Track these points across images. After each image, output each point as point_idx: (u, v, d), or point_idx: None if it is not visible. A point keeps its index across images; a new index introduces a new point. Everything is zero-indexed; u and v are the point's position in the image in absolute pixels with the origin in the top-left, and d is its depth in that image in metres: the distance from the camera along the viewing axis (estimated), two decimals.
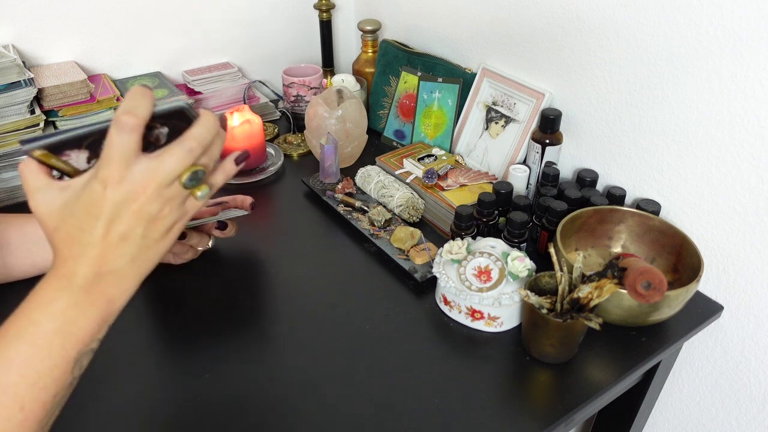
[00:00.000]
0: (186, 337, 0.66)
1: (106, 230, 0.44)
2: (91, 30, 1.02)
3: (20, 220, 0.68)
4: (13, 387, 0.40)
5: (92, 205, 0.43)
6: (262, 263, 0.78)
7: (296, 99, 1.10)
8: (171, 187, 0.45)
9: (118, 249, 0.44)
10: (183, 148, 0.45)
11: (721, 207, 0.72)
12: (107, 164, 0.43)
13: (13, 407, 0.40)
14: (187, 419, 0.57)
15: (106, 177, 0.43)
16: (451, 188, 0.86)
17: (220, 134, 0.49)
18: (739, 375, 0.78)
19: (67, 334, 0.43)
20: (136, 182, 0.44)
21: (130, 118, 0.43)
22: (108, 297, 0.45)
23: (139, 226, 0.45)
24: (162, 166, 0.44)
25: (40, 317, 0.42)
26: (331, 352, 0.64)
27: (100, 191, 0.43)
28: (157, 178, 0.44)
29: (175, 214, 0.47)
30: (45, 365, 0.41)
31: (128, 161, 0.43)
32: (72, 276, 0.44)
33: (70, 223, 0.44)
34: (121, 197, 0.43)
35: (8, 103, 0.85)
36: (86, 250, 0.44)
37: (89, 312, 0.44)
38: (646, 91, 0.75)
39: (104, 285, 0.45)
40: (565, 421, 0.58)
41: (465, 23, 1.00)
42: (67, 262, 0.44)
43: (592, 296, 0.59)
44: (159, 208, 0.45)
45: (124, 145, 0.43)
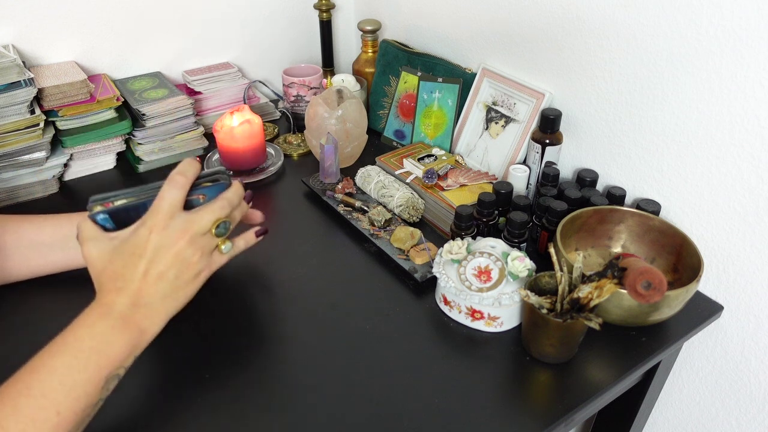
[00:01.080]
0: (185, 337, 0.66)
1: (146, 269, 0.53)
2: (91, 30, 1.02)
3: (15, 223, 0.68)
4: (52, 392, 0.46)
5: (137, 247, 0.54)
6: (262, 263, 0.78)
7: (296, 99, 1.10)
8: (204, 237, 0.56)
9: (154, 286, 0.54)
10: (217, 205, 0.57)
11: (721, 207, 0.72)
12: (156, 214, 0.54)
13: (51, 410, 0.46)
14: (187, 420, 0.57)
15: (153, 224, 0.54)
16: (451, 188, 0.86)
17: (243, 205, 0.62)
18: (739, 375, 0.78)
19: (102, 353, 0.50)
20: (177, 229, 0.54)
21: (180, 177, 0.55)
22: (140, 327, 0.53)
23: (174, 268, 0.54)
24: (200, 219, 0.56)
25: (82, 335, 0.50)
26: (331, 352, 0.64)
27: (146, 236, 0.54)
28: (194, 227, 0.55)
29: (204, 262, 0.57)
30: (81, 377, 0.48)
31: (173, 212, 0.54)
32: (112, 305, 0.52)
33: (117, 263, 0.54)
34: (163, 241, 0.54)
35: (8, 103, 0.85)
36: (127, 284, 0.53)
37: (123, 337, 0.51)
38: (646, 91, 0.75)
39: (138, 316, 0.53)
40: (565, 421, 0.58)
41: (465, 23, 1.00)
42: (111, 294, 0.53)
43: (592, 296, 0.59)
44: (192, 254, 0.55)
45: (173, 199, 0.55)
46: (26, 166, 0.89)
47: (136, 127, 0.97)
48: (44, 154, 0.90)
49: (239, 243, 0.62)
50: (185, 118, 1.00)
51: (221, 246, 0.58)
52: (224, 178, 0.60)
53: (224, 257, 0.60)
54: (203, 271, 0.57)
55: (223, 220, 0.57)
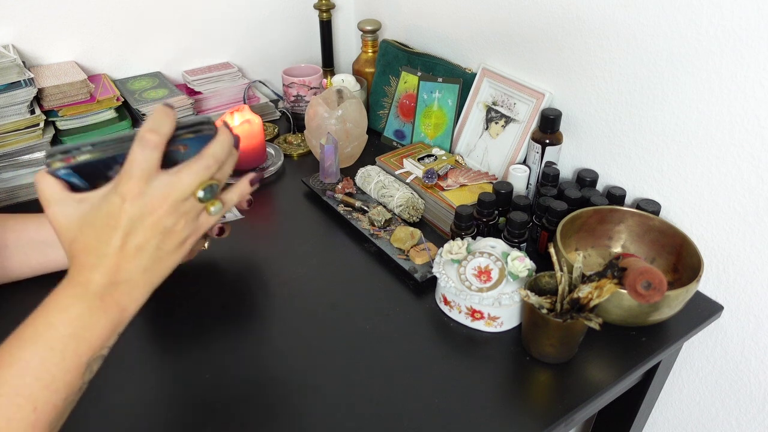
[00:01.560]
0: (186, 337, 0.66)
1: (123, 242, 0.46)
2: (91, 30, 1.02)
3: (16, 221, 0.68)
4: (27, 388, 0.42)
5: (110, 217, 0.46)
6: (262, 263, 0.78)
7: (296, 99, 1.10)
8: (187, 201, 0.48)
9: (132, 260, 0.47)
10: (200, 164, 0.47)
11: (721, 207, 0.72)
12: (127, 179, 0.45)
13: (27, 408, 0.41)
14: (187, 420, 0.57)
15: (125, 191, 0.45)
16: (451, 188, 0.86)
17: (233, 153, 0.52)
18: (739, 375, 0.78)
19: (80, 338, 0.44)
20: (155, 196, 0.46)
21: (153, 135, 0.45)
22: (120, 305, 0.47)
23: (155, 239, 0.47)
24: (180, 182, 0.46)
25: (56, 321, 0.44)
26: (331, 352, 0.64)
27: (119, 204, 0.45)
28: (174, 192, 0.46)
29: (189, 228, 0.49)
30: (59, 368, 0.43)
31: (148, 177, 0.45)
32: (88, 284, 0.46)
33: (88, 233, 0.46)
34: (138, 211, 0.46)
35: (8, 103, 0.85)
36: (102, 260, 0.46)
37: (102, 319, 0.45)
38: (646, 91, 0.75)
39: (117, 294, 0.47)
40: (565, 421, 0.58)
41: (465, 23, 1.00)
42: (84, 270, 0.46)
43: (592, 296, 0.59)
44: (174, 222, 0.47)
45: (146, 161, 0.45)
46: (26, 166, 0.89)
47: (136, 127, 0.97)
48: (44, 154, 0.89)
49: (231, 197, 0.52)
50: (185, 118, 1.00)
51: (209, 207, 0.49)
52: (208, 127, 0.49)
53: (213, 218, 0.51)
54: (189, 237, 0.50)
55: (208, 183, 0.48)
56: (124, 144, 0.47)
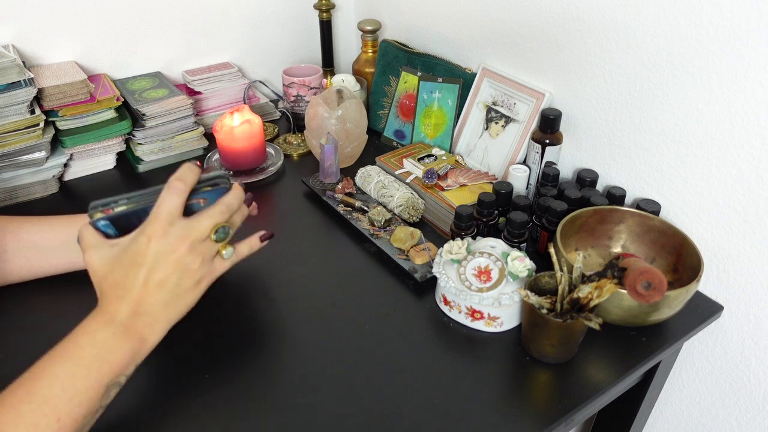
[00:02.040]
0: (185, 337, 0.66)
1: (147, 277, 0.53)
2: (91, 30, 1.02)
3: (16, 224, 0.67)
4: (54, 399, 0.46)
5: (137, 255, 0.53)
6: (262, 263, 0.78)
7: (296, 99, 1.10)
8: (204, 243, 0.56)
9: (154, 294, 0.53)
10: (215, 210, 0.56)
11: (721, 207, 0.72)
12: (155, 221, 0.53)
13: (51, 417, 0.46)
14: (187, 419, 0.57)
15: (152, 232, 0.53)
16: (451, 188, 0.86)
17: (243, 208, 0.61)
18: (739, 375, 0.78)
19: (104, 360, 0.50)
20: (177, 236, 0.54)
21: (179, 183, 0.54)
22: (141, 336, 0.53)
23: (175, 275, 0.54)
24: (198, 225, 0.55)
25: (83, 343, 0.50)
26: (330, 351, 0.64)
27: (145, 243, 0.53)
28: (193, 233, 0.54)
29: (205, 269, 0.56)
30: (83, 384, 0.48)
31: (172, 219, 0.54)
32: (114, 313, 0.52)
33: (118, 271, 0.53)
34: (162, 249, 0.53)
35: (8, 103, 0.85)
36: (128, 293, 0.53)
37: (124, 345, 0.51)
38: (646, 91, 0.75)
39: (140, 324, 0.53)
40: (565, 421, 0.58)
41: (465, 23, 1.00)
42: (112, 302, 0.53)
43: (592, 296, 0.59)
44: (192, 260, 0.55)
45: (172, 206, 0.54)
46: (26, 166, 0.89)
47: (136, 127, 0.97)
48: (44, 154, 0.90)
49: (242, 248, 0.61)
50: (185, 118, 1.00)
51: (222, 252, 0.57)
52: (224, 182, 0.59)
53: (226, 263, 0.59)
54: (205, 278, 0.57)
55: (222, 225, 0.56)
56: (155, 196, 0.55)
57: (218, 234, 0.56)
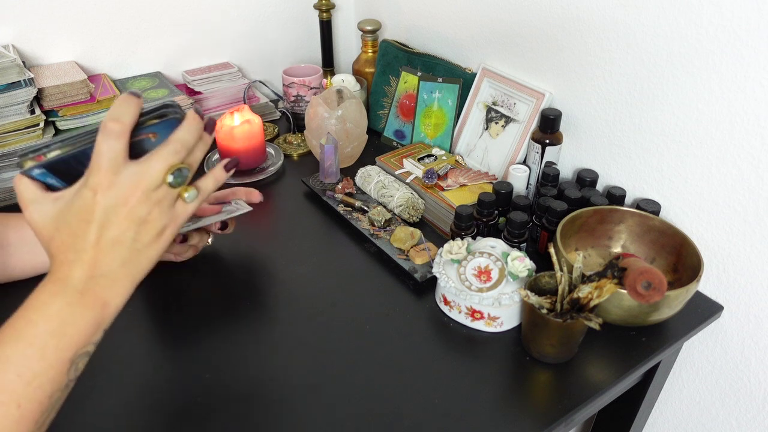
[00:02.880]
0: (186, 337, 0.66)
1: (98, 235, 0.46)
2: (91, 30, 1.02)
3: (18, 220, 0.68)
4: (10, 385, 0.41)
5: (84, 212, 0.45)
6: (262, 263, 0.78)
7: (296, 99, 1.10)
8: (159, 189, 0.47)
9: (110, 253, 0.46)
10: (167, 149, 0.47)
11: (721, 207, 0.72)
12: (96, 171, 0.45)
13: (10, 404, 0.41)
14: (187, 419, 0.57)
15: (95, 184, 0.45)
16: (451, 188, 0.86)
17: (204, 138, 0.51)
18: (739, 375, 0.78)
19: (62, 335, 0.44)
20: (125, 186, 0.46)
21: (115, 124, 0.45)
22: (102, 300, 0.46)
23: (130, 230, 0.47)
24: (149, 169, 0.46)
25: (36, 319, 0.44)
26: (330, 351, 0.64)
27: (91, 198, 0.45)
28: (144, 180, 0.46)
29: (165, 218, 0.48)
30: (41, 365, 0.43)
31: (116, 167, 0.45)
32: (67, 280, 0.45)
33: (64, 230, 0.46)
34: (111, 202, 0.45)
35: (8, 103, 0.85)
36: (80, 255, 0.46)
37: (84, 314, 0.45)
38: (646, 91, 0.75)
39: (98, 288, 0.46)
40: (565, 421, 0.58)
41: (465, 23, 1.00)
42: (63, 267, 0.46)
43: (592, 296, 0.59)
44: (148, 211, 0.47)
45: (112, 152, 0.45)
46: None
47: None
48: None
49: (207, 183, 0.52)
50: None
51: (183, 194, 0.49)
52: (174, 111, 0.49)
53: (190, 206, 0.50)
54: (167, 227, 0.49)
55: (178, 167, 0.47)
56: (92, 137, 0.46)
57: (174, 178, 0.48)
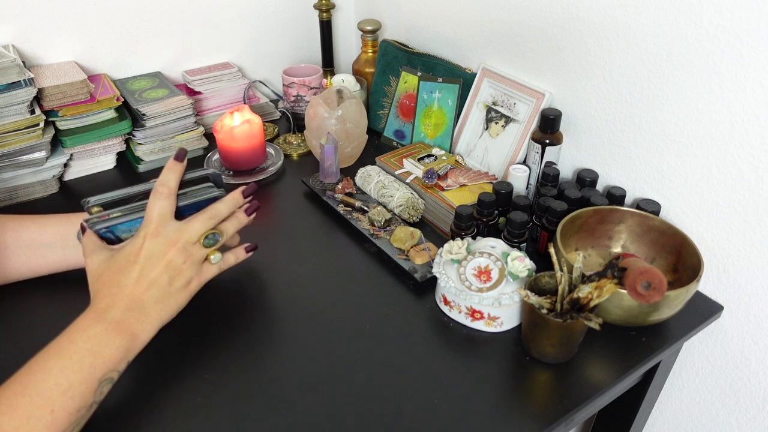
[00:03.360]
0: (186, 337, 0.66)
1: (139, 275, 0.56)
2: (91, 30, 1.02)
3: (15, 222, 0.68)
4: (47, 392, 0.48)
5: (132, 254, 0.57)
6: (262, 263, 0.78)
7: (296, 99, 1.10)
8: (194, 246, 0.59)
9: (146, 291, 0.56)
10: (206, 215, 0.60)
11: (721, 207, 0.72)
12: (147, 224, 0.58)
13: (45, 409, 0.47)
14: (186, 419, 0.57)
15: (145, 233, 0.57)
16: (451, 188, 0.86)
17: (239, 217, 0.65)
18: (739, 375, 0.78)
19: (96, 355, 0.51)
20: (169, 237, 0.58)
21: (164, 188, 0.58)
22: (133, 332, 0.55)
23: (166, 274, 0.57)
24: (190, 227, 0.59)
25: (77, 338, 0.52)
26: (330, 351, 0.64)
27: (140, 243, 0.57)
28: (184, 236, 0.58)
29: (193, 270, 0.60)
30: (76, 378, 0.49)
31: (164, 222, 0.58)
32: (107, 309, 0.54)
33: (112, 269, 0.57)
34: (155, 249, 0.57)
35: (8, 103, 0.85)
36: (121, 290, 0.55)
37: (116, 341, 0.53)
38: (646, 91, 0.75)
39: (131, 320, 0.55)
40: (565, 421, 0.58)
41: (465, 23, 1.00)
42: (105, 299, 0.55)
43: (592, 296, 0.59)
44: (183, 261, 0.58)
45: (161, 208, 0.58)
46: (26, 166, 0.89)
47: (136, 127, 0.97)
48: (44, 154, 0.90)
49: (229, 258, 0.65)
50: (185, 118, 1.00)
51: (210, 257, 0.61)
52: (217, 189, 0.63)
53: (214, 268, 0.63)
54: (194, 279, 0.60)
55: (212, 232, 0.60)
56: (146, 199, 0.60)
57: (207, 240, 0.60)
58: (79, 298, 0.59)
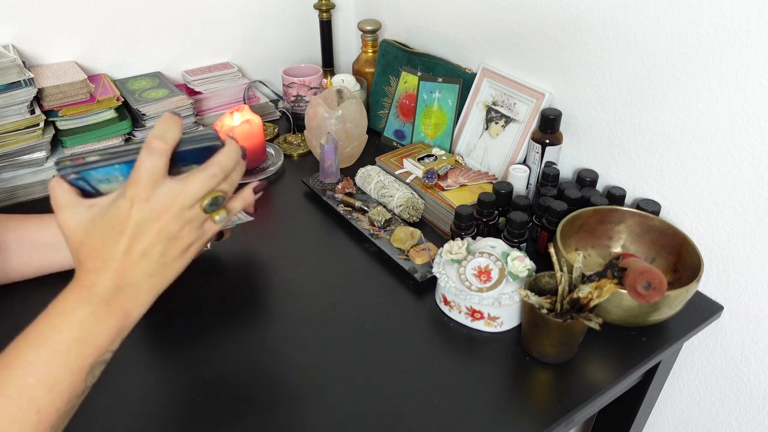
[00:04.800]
0: (186, 337, 0.66)
1: (129, 246, 0.46)
2: (91, 30, 1.02)
3: (17, 222, 0.67)
4: (30, 390, 0.42)
5: (117, 222, 0.46)
6: (262, 263, 0.78)
7: (296, 99, 1.10)
8: (192, 209, 0.48)
9: (138, 265, 0.47)
10: (206, 173, 0.48)
11: (721, 207, 0.72)
12: (135, 184, 0.46)
13: (29, 409, 0.41)
14: (186, 420, 0.57)
15: (133, 195, 0.46)
16: (451, 188, 0.86)
17: (241, 164, 0.52)
18: (739, 375, 0.78)
19: (84, 342, 0.44)
20: (161, 202, 0.46)
21: (159, 142, 0.46)
22: (125, 310, 0.47)
23: (159, 244, 0.47)
24: (186, 189, 0.47)
25: (60, 325, 0.44)
26: (330, 351, 0.64)
27: (127, 209, 0.46)
28: (180, 199, 0.47)
29: (194, 235, 0.49)
30: (62, 371, 0.43)
31: (155, 182, 0.46)
32: (93, 287, 0.46)
33: (95, 237, 0.47)
34: (145, 215, 0.46)
35: (8, 103, 0.85)
36: (108, 263, 0.46)
37: (107, 322, 0.46)
38: (646, 91, 0.75)
39: (122, 298, 0.47)
40: (565, 421, 0.58)
41: (465, 23, 1.00)
42: (89, 274, 0.46)
43: (592, 296, 0.59)
44: (179, 228, 0.48)
45: (153, 167, 0.46)
46: (26, 166, 0.89)
47: (136, 127, 0.97)
48: (44, 154, 0.90)
49: (235, 204, 0.53)
50: (185, 118, 1.00)
51: (214, 216, 0.50)
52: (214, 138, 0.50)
53: (218, 226, 0.51)
54: (193, 244, 0.50)
55: (214, 195, 0.49)
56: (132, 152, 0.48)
57: (209, 205, 0.49)
58: None
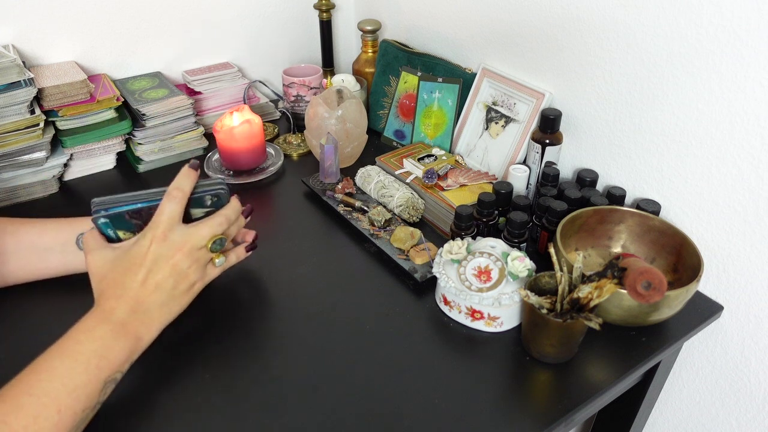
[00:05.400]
0: (185, 337, 0.66)
1: (145, 277, 0.56)
2: (91, 30, 1.02)
3: (15, 226, 0.67)
4: (54, 392, 0.48)
5: (138, 257, 0.57)
6: (262, 263, 0.78)
7: (296, 99, 1.10)
8: (201, 250, 0.60)
9: (152, 294, 0.57)
10: (215, 221, 0.61)
11: (721, 207, 0.72)
12: (156, 226, 0.57)
13: (52, 409, 0.47)
14: (187, 419, 0.57)
15: (153, 236, 0.57)
16: (451, 188, 0.86)
17: (240, 220, 0.66)
18: (739, 375, 0.78)
19: (102, 356, 0.52)
20: (176, 242, 0.58)
21: (178, 192, 0.59)
22: (137, 334, 0.55)
23: (172, 278, 0.58)
24: (197, 232, 0.59)
25: (83, 339, 0.52)
26: (330, 351, 0.64)
27: (146, 246, 0.57)
28: (192, 240, 0.59)
29: (198, 274, 0.60)
30: (81, 379, 0.50)
31: (173, 225, 0.58)
32: (112, 311, 0.55)
33: (117, 270, 0.57)
34: (162, 252, 0.57)
35: (8, 103, 0.85)
36: (126, 292, 0.56)
37: (121, 343, 0.54)
38: (646, 91, 0.75)
39: (136, 323, 0.55)
40: (565, 421, 0.58)
41: (465, 23, 1.00)
42: (110, 300, 0.55)
43: (592, 296, 0.59)
44: (188, 265, 0.59)
45: (172, 212, 0.58)
46: (26, 166, 0.89)
47: (136, 127, 0.97)
48: (44, 154, 0.90)
49: (231, 257, 0.66)
50: (185, 118, 1.00)
51: (215, 259, 0.62)
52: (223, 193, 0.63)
53: (217, 270, 0.63)
54: (197, 282, 0.61)
55: (219, 237, 0.61)
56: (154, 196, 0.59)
57: (215, 245, 0.61)
58: (78, 303, 0.59)
